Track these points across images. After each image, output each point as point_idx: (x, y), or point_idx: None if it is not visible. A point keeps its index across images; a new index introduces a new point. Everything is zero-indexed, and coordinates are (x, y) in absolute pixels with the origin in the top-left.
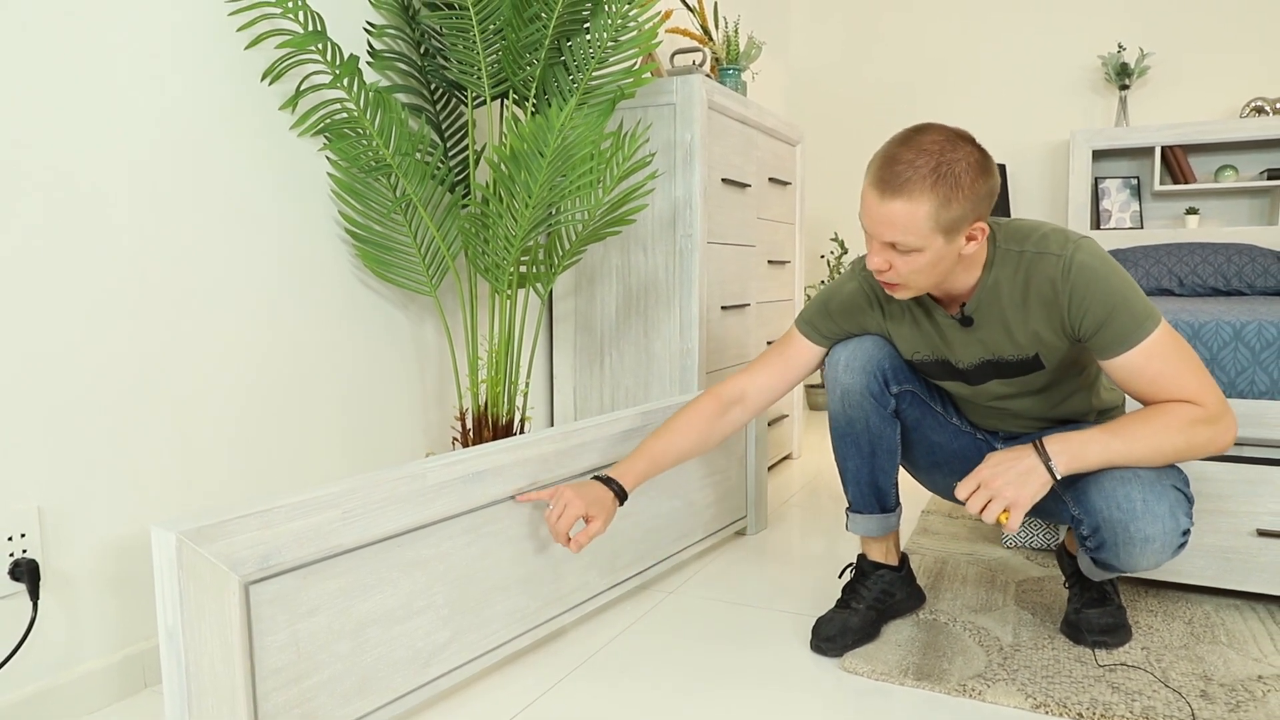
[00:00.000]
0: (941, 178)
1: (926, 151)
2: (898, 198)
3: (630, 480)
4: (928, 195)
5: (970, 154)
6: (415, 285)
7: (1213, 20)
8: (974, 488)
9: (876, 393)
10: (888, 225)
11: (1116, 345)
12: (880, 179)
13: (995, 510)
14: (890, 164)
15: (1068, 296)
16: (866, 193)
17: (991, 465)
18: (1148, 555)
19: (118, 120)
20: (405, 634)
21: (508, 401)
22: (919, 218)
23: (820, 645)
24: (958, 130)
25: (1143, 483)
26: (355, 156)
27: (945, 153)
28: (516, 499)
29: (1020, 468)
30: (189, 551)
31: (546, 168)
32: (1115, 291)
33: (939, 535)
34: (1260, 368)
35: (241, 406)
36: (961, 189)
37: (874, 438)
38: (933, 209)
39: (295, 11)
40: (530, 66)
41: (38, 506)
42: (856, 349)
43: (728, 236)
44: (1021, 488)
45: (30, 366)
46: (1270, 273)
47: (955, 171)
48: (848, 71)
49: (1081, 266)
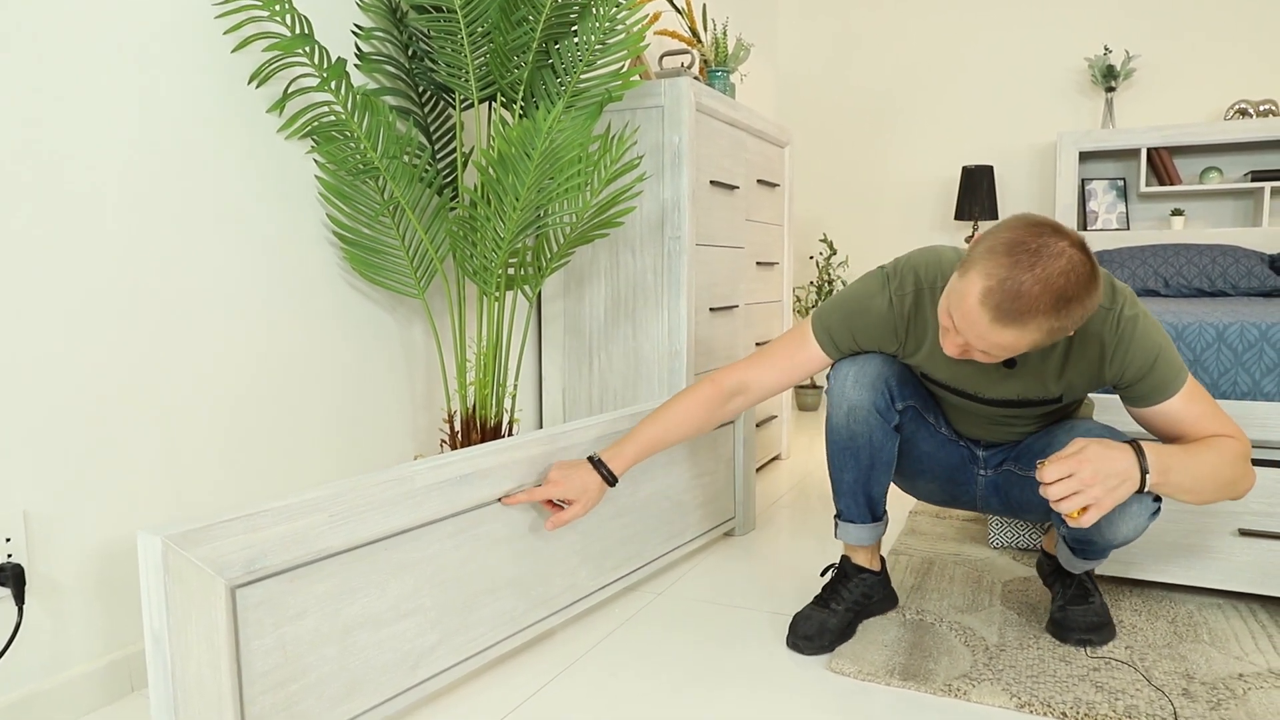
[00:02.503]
0: (1059, 313)
1: (1052, 286)
2: (1010, 328)
3: (621, 465)
4: (1041, 328)
5: (1087, 276)
6: (403, 288)
7: (1198, 24)
8: (1064, 474)
9: (883, 409)
10: (989, 344)
11: (1158, 394)
12: (996, 305)
13: (1077, 504)
14: (1012, 295)
15: (1113, 349)
16: (975, 307)
17: (1088, 460)
18: (1126, 521)
19: (103, 122)
20: (393, 636)
21: (496, 403)
22: (1024, 343)
23: (798, 643)
24: (1078, 242)
25: None
26: (343, 159)
27: (1068, 287)
28: (503, 502)
29: (1118, 469)
30: (175, 556)
31: (534, 170)
32: (1157, 344)
33: (926, 535)
34: (1242, 368)
35: (229, 409)
36: (1072, 316)
37: (874, 452)
38: (1041, 338)
39: (283, 15)
40: (518, 69)
41: (24, 510)
42: (865, 364)
43: (716, 238)
44: (1114, 491)
45: (16, 370)
46: (1254, 274)
47: (1071, 305)
48: (836, 73)
49: (1130, 320)
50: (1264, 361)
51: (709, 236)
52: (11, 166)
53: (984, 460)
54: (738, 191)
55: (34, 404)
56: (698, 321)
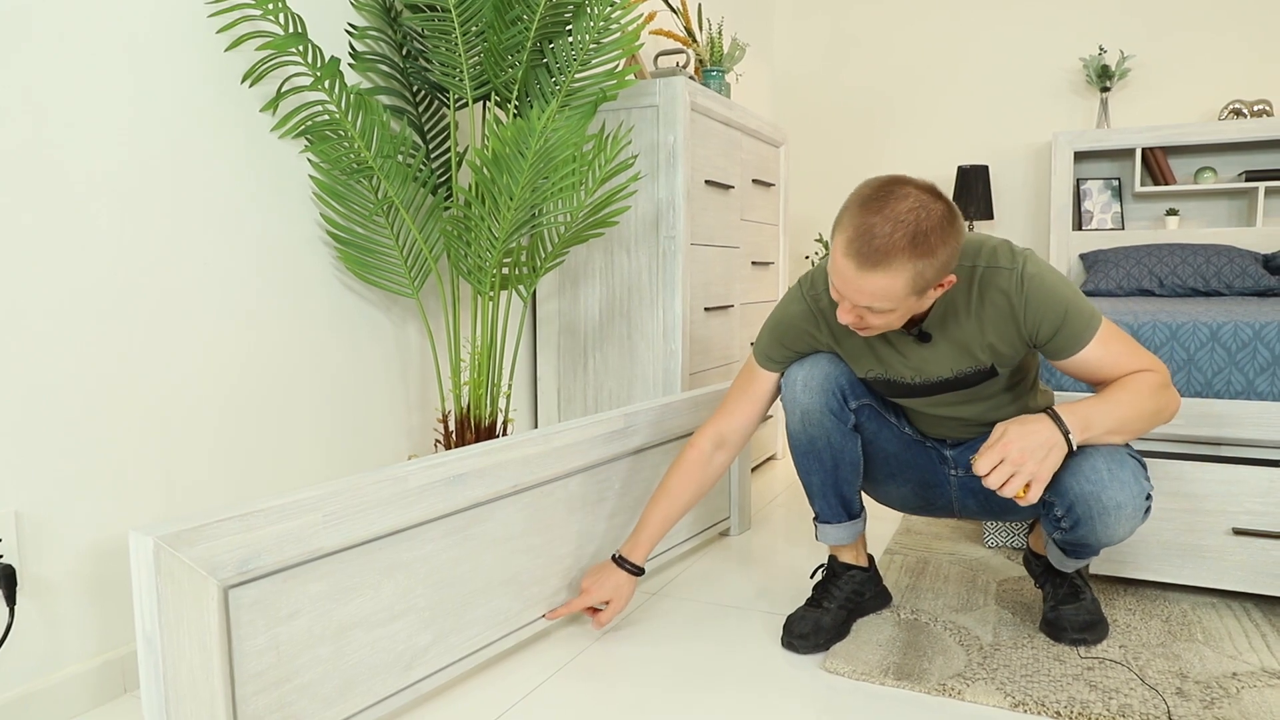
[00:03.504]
0: (918, 249)
1: (902, 223)
2: (875, 271)
3: (640, 555)
4: (905, 268)
5: (941, 214)
6: (397, 287)
7: (1192, 24)
8: (996, 462)
9: (836, 409)
10: (865, 295)
11: (1073, 344)
12: (857, 251)
13: (1017, 485)
14: (866, 236)
15: (1023, 306)
16: (840, 260)
17: (1011, 440)
18: (1121, 522)
19: (95, 121)
20: (387, 636)
21: (491, 403)
22: (897, 287)
23: (793, 642)
24: (925, 186)
25: (1104, 454)
26: (337, 159)
27: (920, 221)
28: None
29: (1040, 440)
30: (167, 556)
31: (528, 170)
32: (1064, 297)
33: (921, 534)
34: (1236, 368)
35: (222, 409)
36: (936, 255)
37: (836, 453)
38: (910, 279)
39: (276, 14)
40: (512, 69)
41: (15, 511)
42: (813, 368)
43: (711, 238)
44: (1044, 461)
45: (6, 370)
46: (1248, 273)
47: (930, 241)
48: (832, 72)
49: (1032, 277)
50: (1257, 361)
51: (704, 236)
52: (1, 164)
53: (953, 460)
54: (733, 191)
55: (23, 403)
56: (693, 321)
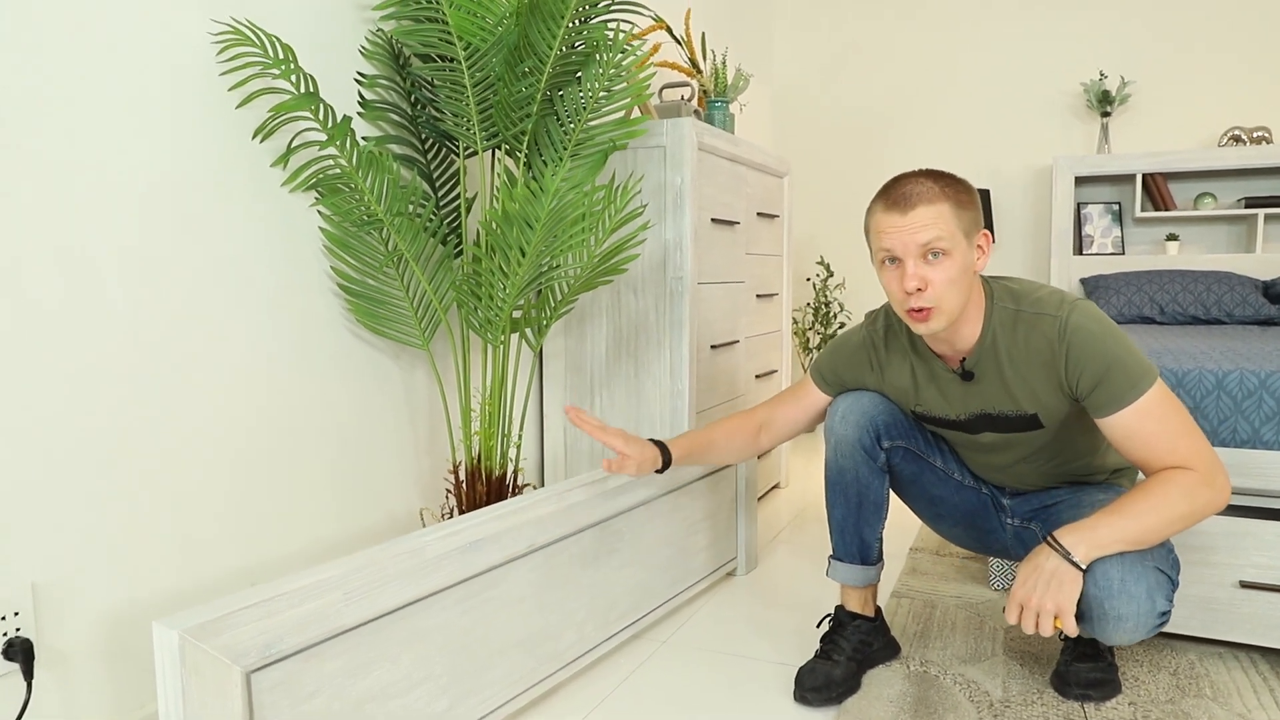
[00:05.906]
0: (948, 186)
1: (927, 175)
2: (917, 207)
3: (678, 454)
4: (944, 198)
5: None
6: (408, 339)
7: (1192, 50)
8: (1018, 610)
9: (868, 446)
10: (919, 229)
11: (1112, 404)
12: (895, 200)
13: (1046, 625)
14: (899, 186)
15: (1064, 356)
16: (883, 218)
17: (1021, 583)
18: (1121, 632)
19: (107, 177)
20: (404, 706)
21: (501, 454)
22: (945, 215)
23: (805, 695)
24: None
25: (1124, 562)
26: (347, 211)
27: (940, 174)
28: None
29: (1046, 574)
30: (191, 648)
31: (540, 230)
32: (1110, 351)
33: (927, 575)
34: (1242, 416)
35: (233, 465)
36: (968, 194)
37: (861, 489)
38: (952, 208)
39: (288, 74)
40: (523, 121)
41: (31, 583)
42: (855, 402)
43: (717, 275)
44: (1058, 593)
45: (22, 439)
46: (1248, 302)
47: (957, 183)
48: (832, 94)
49: (1077, 327)
50: (1263, 409)
51: (710, 274)
52: (14, 225)
53: (1010, 509)
54: (738, 226)
55: (40, 474)
56: (699, 359)
